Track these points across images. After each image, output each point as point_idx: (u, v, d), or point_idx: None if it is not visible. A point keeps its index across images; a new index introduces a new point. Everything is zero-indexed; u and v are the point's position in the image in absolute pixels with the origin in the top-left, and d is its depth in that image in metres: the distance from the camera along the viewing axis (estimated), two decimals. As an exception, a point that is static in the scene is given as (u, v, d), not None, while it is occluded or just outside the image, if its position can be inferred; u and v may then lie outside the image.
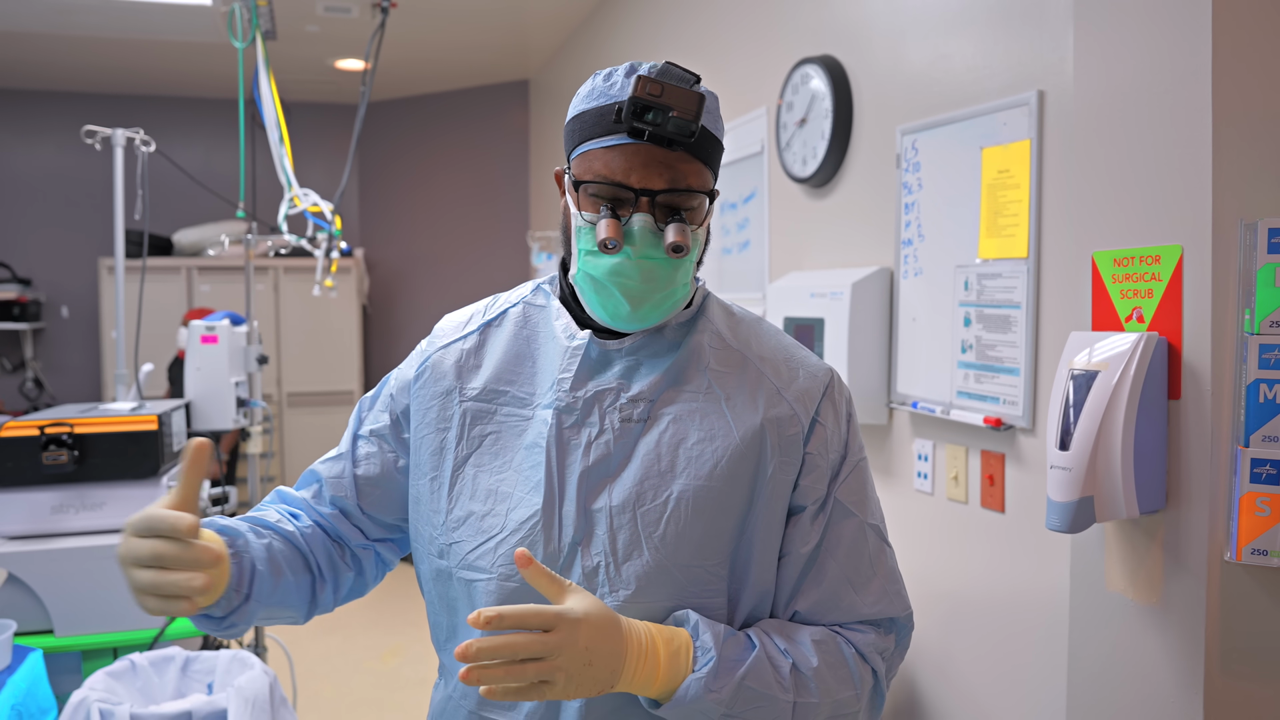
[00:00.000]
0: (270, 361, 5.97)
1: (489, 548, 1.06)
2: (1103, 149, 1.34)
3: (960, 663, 2.00)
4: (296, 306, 6.13)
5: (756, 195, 2.92)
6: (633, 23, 4.14)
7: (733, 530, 1.06)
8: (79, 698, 1.92)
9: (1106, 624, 1.36)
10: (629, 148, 1.03)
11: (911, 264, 2.11)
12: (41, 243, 6.28)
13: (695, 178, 1.05)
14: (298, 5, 4.47)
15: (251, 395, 3.03)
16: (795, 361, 1.13)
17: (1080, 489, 1.24)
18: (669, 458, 1.06)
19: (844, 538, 1.10)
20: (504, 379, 1.13)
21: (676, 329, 1.13)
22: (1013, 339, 1.79)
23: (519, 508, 1.06)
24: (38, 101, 6.28)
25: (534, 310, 1.18)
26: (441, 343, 1.19)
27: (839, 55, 2.41)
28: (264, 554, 1.08)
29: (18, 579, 2.34)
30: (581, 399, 1.08)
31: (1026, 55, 1.76)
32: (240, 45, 3.68)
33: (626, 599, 1.02)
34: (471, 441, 1.11)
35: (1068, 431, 1.26)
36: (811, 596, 1.08)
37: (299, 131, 6.17)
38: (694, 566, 1.04)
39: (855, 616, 1.09)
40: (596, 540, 1.04)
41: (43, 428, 2.36)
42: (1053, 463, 1.28)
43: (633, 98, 0.99)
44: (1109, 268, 1.32)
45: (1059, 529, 1.26)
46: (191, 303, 5.92)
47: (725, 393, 1.09)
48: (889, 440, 2.24)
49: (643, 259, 1.03)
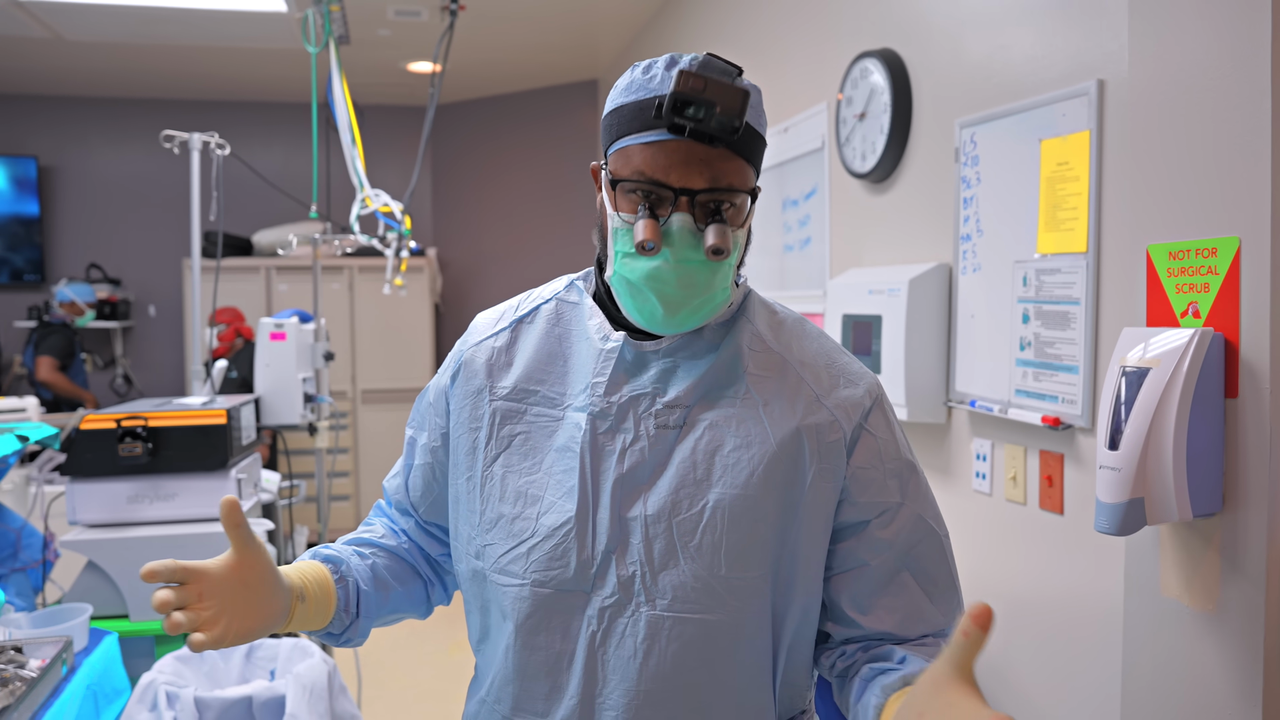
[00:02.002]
0: (346, 359, 6.13)
1: (520, 553, 1.06)
2: (1158, 138, 1.30)
3: (1017, 667, 1.95)
4: (371, 305, 6.27)
5: (817, 191, 2.89)
6: (697, 19, 4.13)
7: (773, 541, 1.04)
8: (147, 680, 2.00)
9: (1161, 630, 1.31)
10: (669, 144, 0.99)
11: (970, 260, 2.06)
12: (131, 244, 6.54)
13: (737, 176, 1.01)
14: (369, 10, 4.57)
15: (319, 391, 3.11)
16: (837, 368, 1.11)
17: (1130, 490, 1.19)
18: (705, 466, 1.04)
19: (922, 553, 1.07)
20: (534, 378, 1.12)
21: (716, 330, 1.10)
22: (1071, 336, 1.74)
23: (550, 512, 1.06)
24: (125, 109, 6.54)
25: (567, 307, 1.16)
26: (474, 340, 1.19)
27: (898, 48, 2.36)
28: (368, 574, 1.17)
29: (96, 565, 2.45)
30: (616, 404, 1.06)
31: (1086, 44, 1.70)
32: (314, 50, 3.78)
33: (664, 608, 1.02)
34: (500, 441, 1.11)
35: (1118, 430, 1.22)
36: (898, 613, 1.06)
37: (373, 134, 6.32)
38: (734, 578, 1.02)
39: (934, 629, 1.08)
40: (632, 549, 1.03)
41: (119, 421, 2.46)
42: (1102, 463, 1.24)
43: (674, 92, 0.95)
44: (1164, 261, 1.28)
45: (1107, 531, 1.22)
46: (270, 302, 6.10)
47: (763, 398, 1.06)
48: (947, 439, 2.19)
49: (681, 262, 1.00)
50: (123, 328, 6.49)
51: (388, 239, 3.84)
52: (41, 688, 1.84)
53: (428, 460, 1.22)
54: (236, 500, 0.98)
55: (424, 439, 1.22)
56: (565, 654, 1.05)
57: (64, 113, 6.50)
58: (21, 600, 2.57)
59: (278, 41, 4.98)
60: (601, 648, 1.04)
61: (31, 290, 6.46)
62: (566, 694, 1.05)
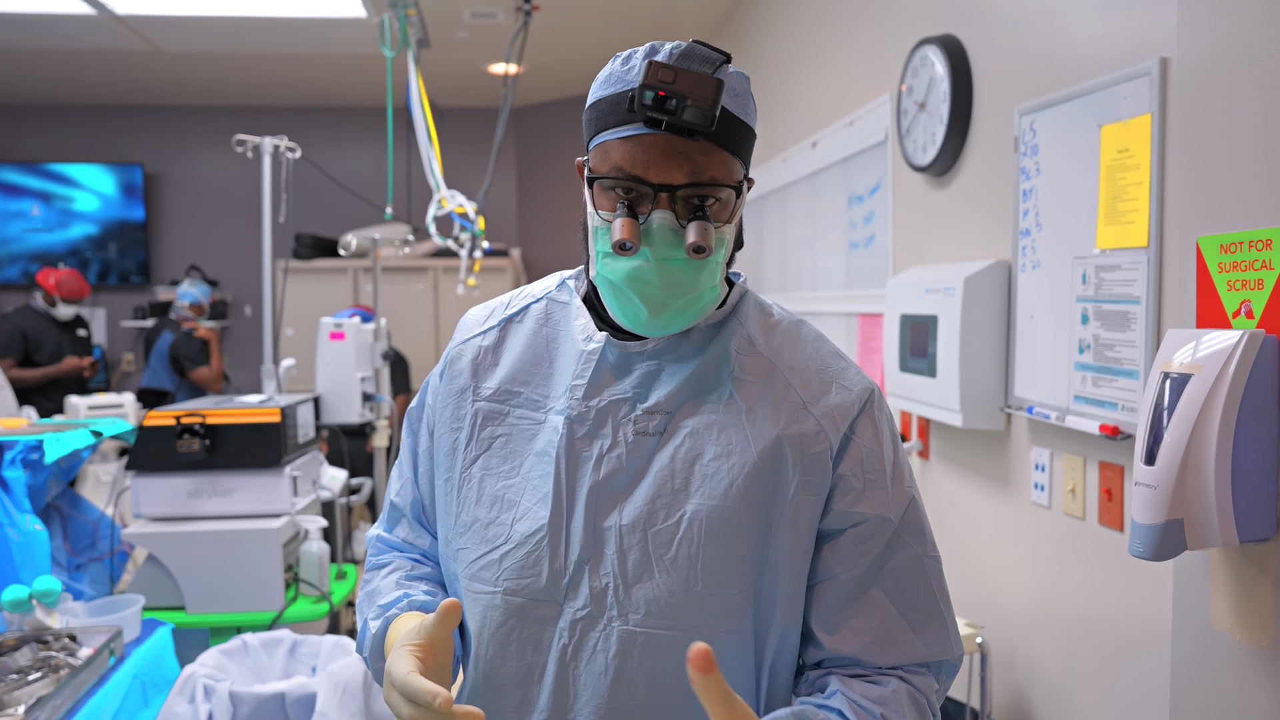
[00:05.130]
0: (429, 357, 6.22)
1: (493, 559, 1.02)
2: (1209, 120, 1.17)
3: (1075, 693, 1.81)
4: (454, 305, 6.35)
5: (881, 187, 2.77)
6: (772, 12, 4.04)
7: (753, 557, 0.97)
8: (189, 671, 2.03)
9: (1211, 667, 1.18)
10: (646, 138, 0.93)
11: (1029, 256, 1.93)
12: (227, 246, 6.79)
13: (720, 169, 0.95)
14: (446, 13, 4.62)
15: (377, 390, 3.14)
16: (830, 374, 1.02)
17: (1167, 510, 1.07)
18: (683, 475, 0.97)
19: (900, 571, 0.98)
20: (519, 379, 1.07)
21: (705, 331, 1.04)
22: (1132, 338, 1.60)
23: (524, 519, 1.01)
24: (219, 116, 6.80)
25: (556, 307, 1.11)
26: (462, 337, 1.14)
27: (958, 33, 2.24)
28: None
29: (155, 558, 2.51)
30: (594, 409, 1.01)
31: (1149, 17, 1.56)
32: (389, 54, 3.83)
33: (637, 623, 0.96)
34: (480, 443, 1.06)
35: (1156, 443, 1.10)
36: (867, 635, 0.97)
37: (455, 136, 6.40)
38: (710, 594, 0.95)
39: (910, 658, 0.98)
40: (605, 560, 0.97)
41: (179, 418, 2.52)
42: (1138, 479, 1.12)
43: (642, 83, 0.89)
44: (1215, 255, 1.15)
45: (1142, 555, 1.10)
46: (356, 301, 6.24)
47: (747, 404, 0.99)
48: (1006, 448, 2.06)
49: (662, 262, 0.94)
50: (221, 328, 6.74)
51: (460, 239, 3.87)
52: (85, 676, 1.89)
53: (428, 466, 1.18)
54: (459, 604, 0.92)
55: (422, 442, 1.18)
56: (536, 666, 1.00)
57: (165, 121, 6.80)
58: (95, 589, 2.67)
59: (358, 47, 5.09)
60: (573, 662, 0.98)
61: (137, 291, 6.77)
62: (537, 708, 1.00)
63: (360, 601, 1.16)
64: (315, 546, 2.65)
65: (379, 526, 1.22)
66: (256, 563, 2.50)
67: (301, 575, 2.63)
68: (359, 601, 1.16)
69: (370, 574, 1.17)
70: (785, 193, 3.73)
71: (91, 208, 6.65)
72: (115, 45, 5.06)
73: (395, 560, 1.18)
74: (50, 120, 6.71)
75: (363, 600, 1.15)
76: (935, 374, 2.15)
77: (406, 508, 1.19)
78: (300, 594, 2.63)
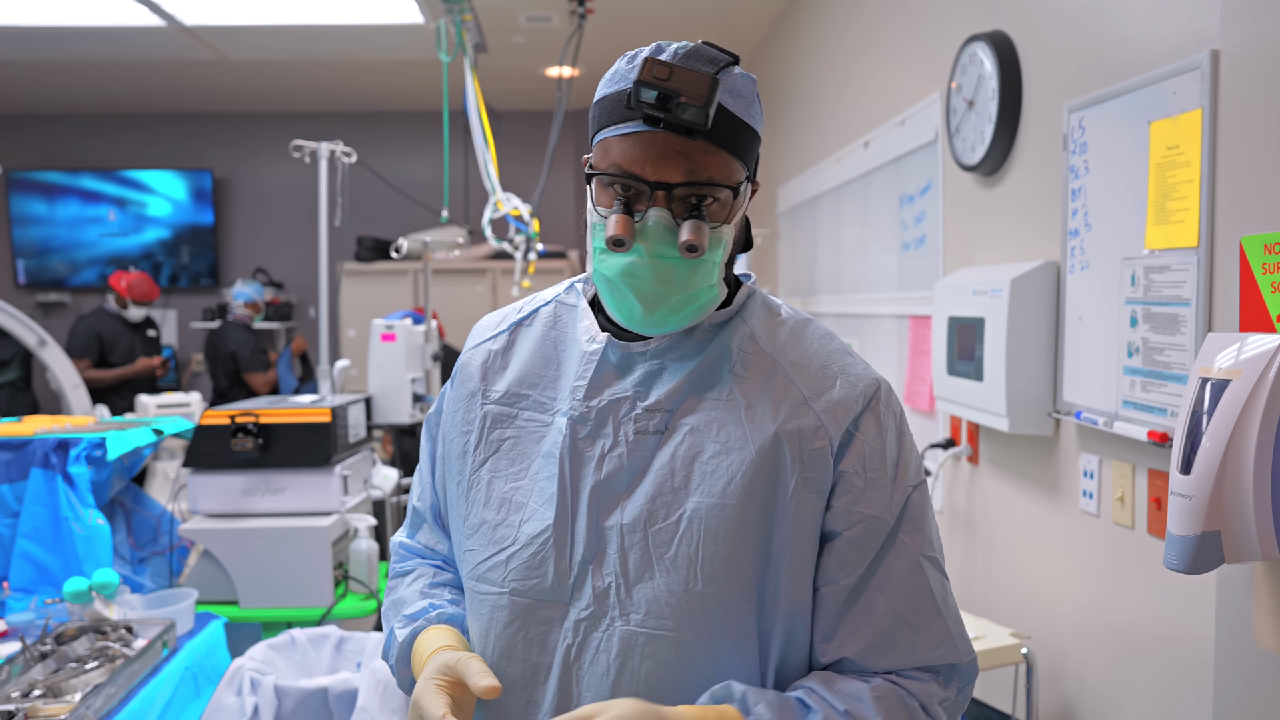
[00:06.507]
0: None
1: (499, 560, 1.02)
2: (1252, 113, 1.12)
3: (1125, 708, 1.75)
4: (511, 307, 6.40)
5: (931, 187, 2.72)
6: (828, 10, 3.99)
7: (755, 555, 0.96)
8: (237, 665, 2.08)
9: (1255, 687, 1.13)
10: (645, 136, 0.94)
11: (1078, 257, 1.88)
12: (291, 249, 6.95)
13: (718, 169, 0.95)
14: (502, 17, 4.66)
15: (428, 391, 3.18)
16: (834, 370, 1.01)
17: (1204, 521, 1.03)
18: (683, 473, 0.97)
19: (897, 571, 0.97)
20: (527, 382, 1.08)
21: (708, 330, 1.03)
22: (1181, 341, 1.54)
23: (531, 520, 1.02)
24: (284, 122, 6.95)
25: (564, 310, 1.12)
26: (474, 343, 1.16)
27: (1007, 29, 2.19)
28: None
29: (210, 553, 2.58)
30: (595, 408, 1.02)
31: (1199, 9, 1.50)
32: (445, 59, 3.89)
33: (638, 623, 0.96)
34: (489, 445, 1.07)
35: (1193, 451, 1.06)
36: (862, 638, 0.96)
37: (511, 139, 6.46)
38: (711, 594, 0.95)
39: (913, 662, 0.96)
40: (608, 560, 0.98)
41: (233, 417, 2.59)
42: (1174, 489, 1.08)
43: (637, 81, 0.90)
44: (1259, 255, 1.10)
45: (1177, 568, 1.06)
46: (417, 304, 6.33)
47: (747, 400, 0.99)
48: (1055, 454, 2.00)
49: (656, 259, 0.94)
50: (286, 329, 6.90)
51: (515, 241, 3.90)
52: (137, 666, 1.95)
53: (444, 470, 1.19)
54: (500, 691, 0.95)
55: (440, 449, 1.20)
56: (542, 667, 1.01)
57: (232, 128, 6.99)
58: (156, 583, 2.76)
59: (416, 52, 5.17)
60: (576, 663, 0.99)
61: (207, 294, 6.97)
62: (542, 709, 1.00)
63: (386, 609, 1.17)
64: (364, 544, 2.69)
65: (403, 532, 1.24)
66: (306, 559, 2.56)
67: (351, 572, 2.68)
68: (385, 609, 1.18)
69: (395, 581, 1.20)
70: (838, 193, 3.69)
71: (164, 212, 6.88)
72: (184, 55, 5.22)
73: (418, 568, 1.19)
74: (124, 128, 6.95)
75: (388, 608, 1.16)
76: (982, 377, 2.10)
77: (427, 512, 1.21)
78: (349, 591, 2.67)
